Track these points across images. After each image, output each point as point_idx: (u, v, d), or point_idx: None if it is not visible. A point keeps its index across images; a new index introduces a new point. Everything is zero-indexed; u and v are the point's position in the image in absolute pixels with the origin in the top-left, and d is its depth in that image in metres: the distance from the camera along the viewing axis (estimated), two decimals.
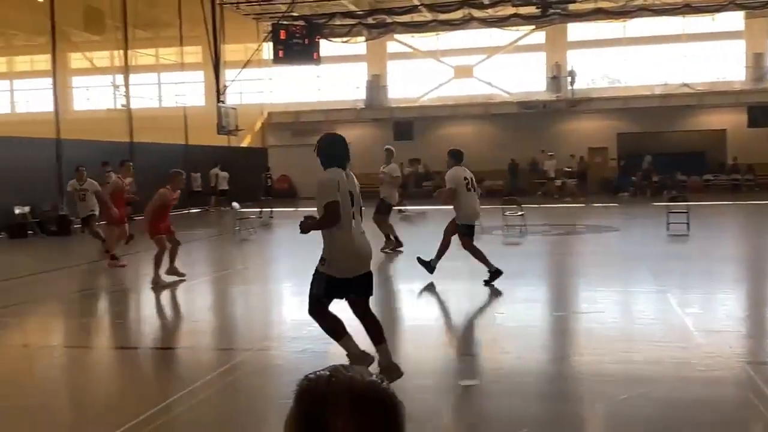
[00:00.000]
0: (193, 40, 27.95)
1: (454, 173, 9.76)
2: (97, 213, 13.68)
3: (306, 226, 5.28)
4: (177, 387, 5.68)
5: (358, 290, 5.36)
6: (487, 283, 9.36)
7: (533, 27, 31.09)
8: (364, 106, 33.84)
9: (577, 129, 32.31)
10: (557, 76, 32.21)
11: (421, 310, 8.92)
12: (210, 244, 17.23)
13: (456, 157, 9.92)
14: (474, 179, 9.97)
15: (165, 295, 10.18)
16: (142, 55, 26.23)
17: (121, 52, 24.65)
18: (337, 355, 5.51)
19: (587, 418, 5.12)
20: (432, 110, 33.21)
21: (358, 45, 32.44)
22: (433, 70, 33.93)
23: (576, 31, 32.35)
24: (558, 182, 29.11)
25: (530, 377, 5.81)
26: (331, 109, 33.91)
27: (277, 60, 28.71)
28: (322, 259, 5.28)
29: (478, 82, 33.62)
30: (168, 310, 9.73)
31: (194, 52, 29.17)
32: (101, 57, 26.60)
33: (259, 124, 34.22)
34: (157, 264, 10.30)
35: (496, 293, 9.08)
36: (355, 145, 28.45)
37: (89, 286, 11.37)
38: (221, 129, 25.14)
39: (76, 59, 28.36)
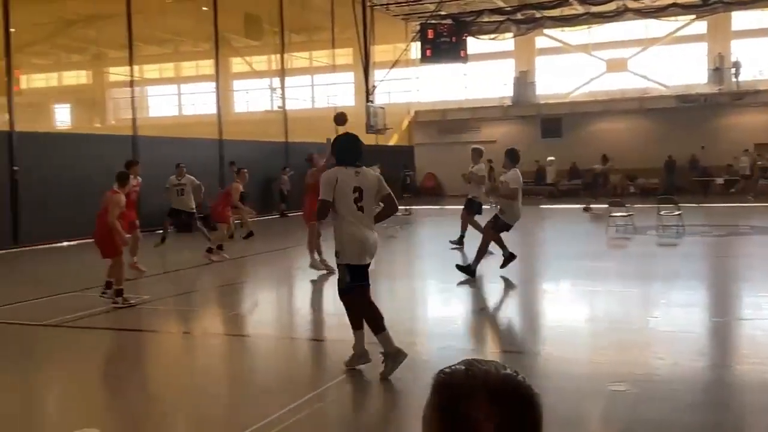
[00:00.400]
0: (344, 42, 28.81)
1: (516, 175, 10.05)
2: (195, 211, 13.60)
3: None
4: (326, 377, 5.92)
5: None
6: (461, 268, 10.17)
7: (693, 16, 29.41)
8: (511, 103, 33.43)
9: (740, 123, 30.20)
10: (720, 68, 30.28)
11: (568, 311, 8.73)
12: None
13: (513, 158, 10.15)
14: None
15: (312, 289, 10.60)
16: (297, 58, 27.36)
17: (278, 55, 25.84)
18: (475, 353, 5.52)
19: (748, 430, 4.82)
20: (582, 106, 32.22)
21: (506, 41, 32.08)
22: (584, 65, 32.90)
23: (741, 19, 30.25)
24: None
25: (685, 384, 5.54)
26: (478, 106, 33.78)
27: (424, 59, 29.00)
28: (336, 253, 5.76)
29: (633, 75, 32.24)
30: (316, 303, 10.12)
31: (345, 54, 30.03)
32: (259, 61, 27.99)
33: (406, 123, 34.69)
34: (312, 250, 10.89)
35: (649, 296, 8.72)
36: (500, 143, 28.27)
37: (243, 277, 12.03)
38: (370, 128, 25.73)
39: (237, 64, 30.03)
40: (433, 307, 9.52)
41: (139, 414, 5.43)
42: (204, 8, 23.31)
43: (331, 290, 10.73)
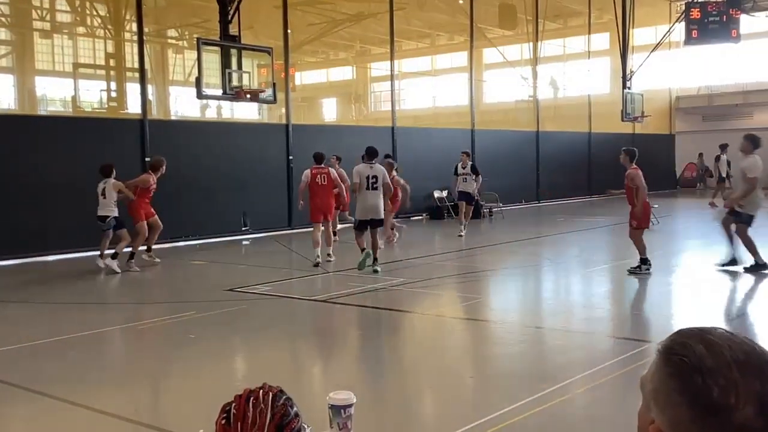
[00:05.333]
0: (600, 27, 27.86)
1: (755, 162, 9.50)
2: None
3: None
4: (577, 369, 5.94)
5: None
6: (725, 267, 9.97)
7: None
8: None
9: None
10: None
11: None
12: (610, 232, 17.14)
13: (755, 143, 9.60)
14: None
15: (563, 280, 10.54)
16: (550, 46, 27.00)
17: (531, 44, 25.71)
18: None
19: None
20: None
21: None
22: None
23: None
24: None
25: None
26: (750, 90, 30.79)
27: (689, 41, 27.02)
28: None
29: None
30: (565, 295, 10.07)
31: (601, 39, 29.03)
32: (511, 50, 28.06)
33: (666, 110, 32.69)
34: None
35: None
36: None
37: (501, 265, 12.28)
38: (626, 116, 24.66)
39: (490, 54, 30.36)
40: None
41: (391, 386, 5.90)
42: (460, 1, 23.90)
43: (581, 283, 10.62)
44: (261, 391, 1.51)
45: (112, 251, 11.40)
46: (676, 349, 1.12)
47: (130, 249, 11.53)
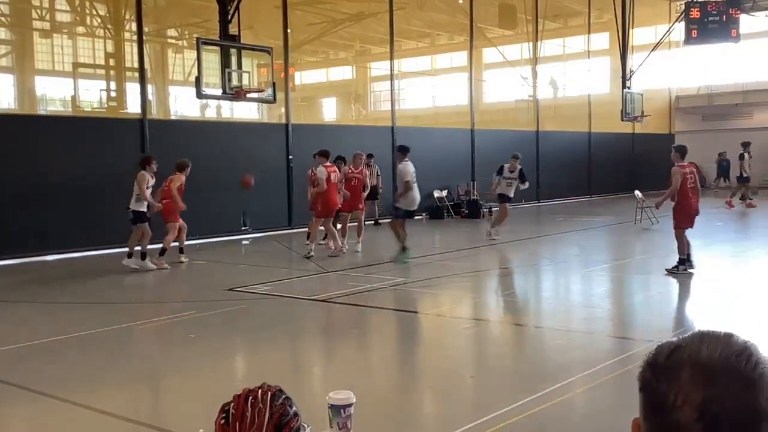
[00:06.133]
0: (600, 26, 27.87)
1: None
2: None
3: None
4: (577, 368, 5.94)
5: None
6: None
7: None
8: None
9: None
10: None
11: None
12: (609, 232, 17.16)
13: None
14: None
15: (563, 279, 10.54)
16: (550, 46, 27.01)
17: (530, 44, 25.71)
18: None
19: None
20: None
21: None
22: None
23: None
24: None
25: None
26: (751, 90, 30.80)
27: (689, 41, 27.00)
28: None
29: None
30: (565, 294, 10.08)
31: (601, 39, 29.04)
32: (511, 50, 28.06)
33: (666, 110, 32.70)
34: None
35: None
36: None
37: (501, 264, 12.29)
38: (625, 116, 24.67)
39: (489, 54, 30.35)
40: None
41: (391, 385, 5.90)
42: (460, 0, 23.90)
43: (580, 282, 10.63)
44: (260, 390, 1.51)
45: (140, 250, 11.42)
46: (658, 345, 1.09)
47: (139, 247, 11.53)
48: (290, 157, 17.11)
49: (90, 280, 11.05)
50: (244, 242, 15.67)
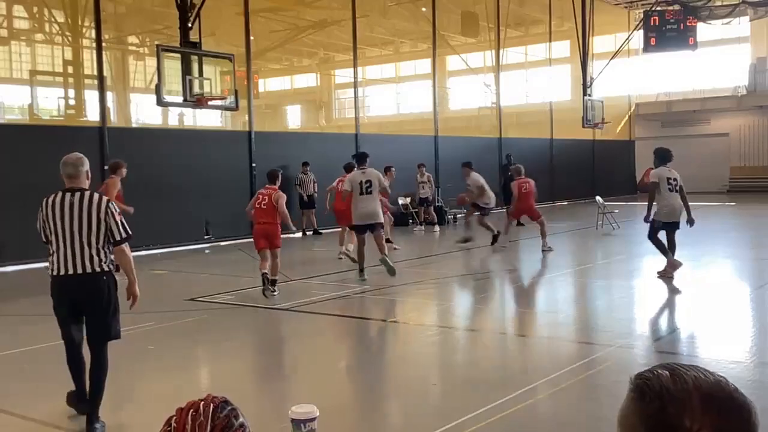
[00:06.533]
0: (561, 34, 28.23)
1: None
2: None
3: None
4: (538, 374, 5.96)
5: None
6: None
7: None
8: (746, 93, 30.75)
9: None
10: None
11: None
12: (571, 237, 17.34)
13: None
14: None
15: (526, 285, 10.59)
16: (512, 53, 27.28)
17: (493, 52, 25.94)
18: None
19: None
20: None
21: (741, 26, 29.54)
22: None
23: None
24: None
25: None
26: (708, 97, 31.47)
27: (648, 48, 27.52)
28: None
29: None
30: (527, 300, 10.13)
31: (562, 47, 29.42)
32: (474, 58, 28.29)
33: (626, 116, 33.25)
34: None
35: None
36: (733, 137, 26.17)
37: (465, 271, 12.31)
38: (586, 122, 25.01)
39: (453, 61, 30.56)
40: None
41: (356, 395, 5.85)
42: (423, 9, 24.01)
43: (543, 288, 10.70)
44: (203, 402, 1.47)
45: None
46: (642, 375, 1.14)
47: None
48: (253, 164, 16.97)
49: (47, 292, 10.78)
50: (206, 251, 15.50)
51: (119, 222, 4.93)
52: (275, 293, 9.54)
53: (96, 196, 4.98)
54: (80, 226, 4.84)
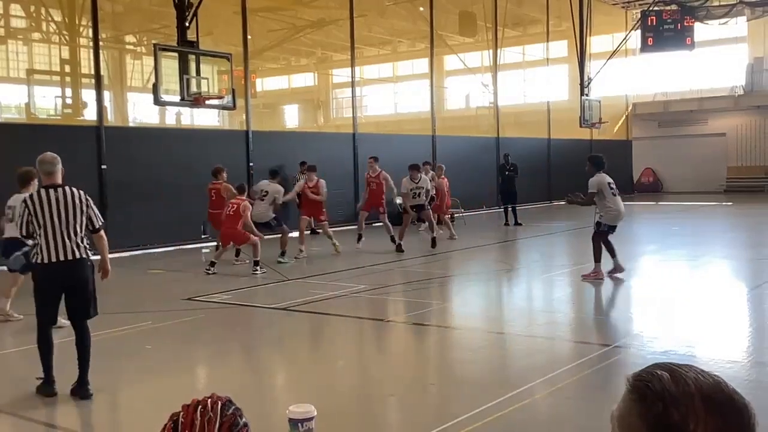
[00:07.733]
0: (559, 34, 28.25)
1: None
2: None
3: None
4: (535, 374, 5.96)
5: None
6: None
7: None
8: (743, 93, 30.80)
9: None
10: None
11: None
12: (568, 237, 17.35)
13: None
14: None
15: (522, 286, 10.59)
16: (510, 53, 27.30)
17: (491, 51, 25.95)
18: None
19: None
20: None
21: (738, 26, 29.59)
22: None
23: None
24: None
25: None
26: (705, 97, 31.51)
27: (645, 48, 27.58)
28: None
29: None
30: (525, 300, 10.13)
31: (559, 47, 29.44)
32: (472, 58, 28.30)
33: (623, 116, 33.29)
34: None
35: None
36: (730, 136, 26.37)
37: (462, 270, 12.32)
38: (584, 122, 25.03)
39: (450, 61, 30.57)
40: None
41: (353, 395, 5.85)
42: (421, 8, 24.02)
43: (540, 287, 10.70)
44: (209, 400, 1.48)
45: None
46: (642, 377, 1.13)
47: None
48: (251, 164, 16.96)
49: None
50: (204, 251, 15.47)
51: (96, 212, 5.66)
52: (257, 272, 11.32)
53: (75, 190, 5.56)
54: (66, 217, 5.42)
